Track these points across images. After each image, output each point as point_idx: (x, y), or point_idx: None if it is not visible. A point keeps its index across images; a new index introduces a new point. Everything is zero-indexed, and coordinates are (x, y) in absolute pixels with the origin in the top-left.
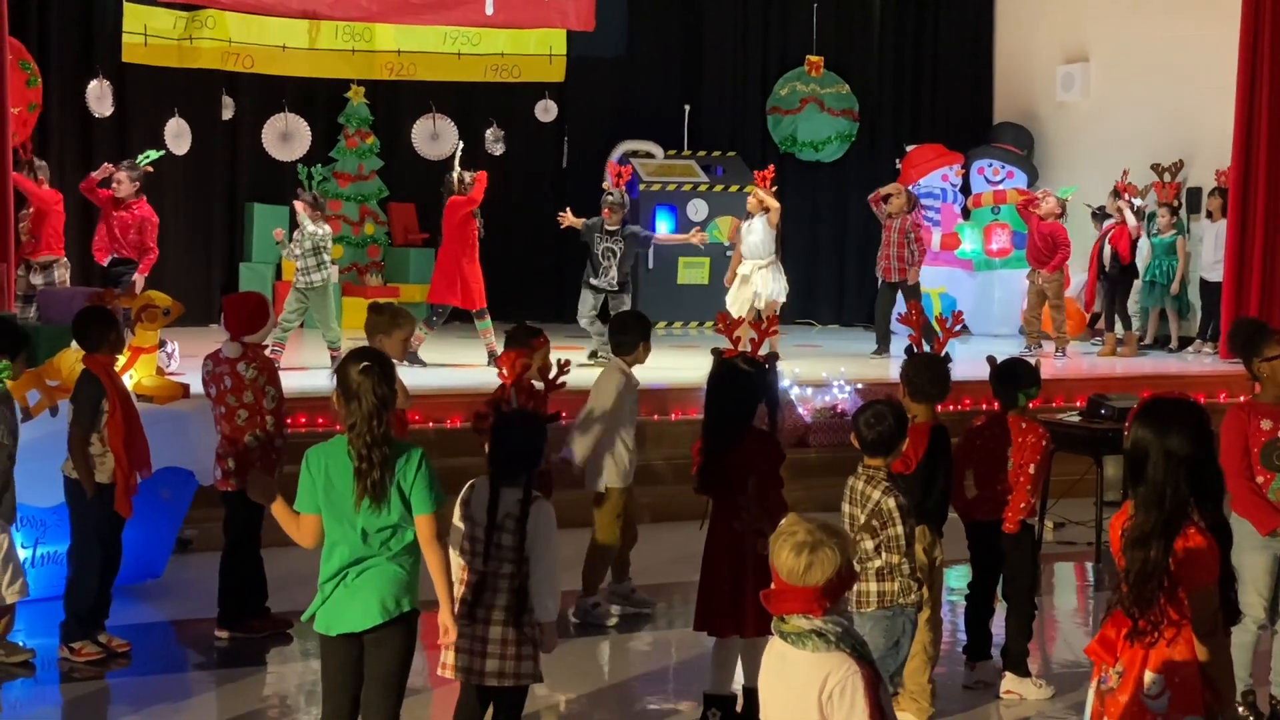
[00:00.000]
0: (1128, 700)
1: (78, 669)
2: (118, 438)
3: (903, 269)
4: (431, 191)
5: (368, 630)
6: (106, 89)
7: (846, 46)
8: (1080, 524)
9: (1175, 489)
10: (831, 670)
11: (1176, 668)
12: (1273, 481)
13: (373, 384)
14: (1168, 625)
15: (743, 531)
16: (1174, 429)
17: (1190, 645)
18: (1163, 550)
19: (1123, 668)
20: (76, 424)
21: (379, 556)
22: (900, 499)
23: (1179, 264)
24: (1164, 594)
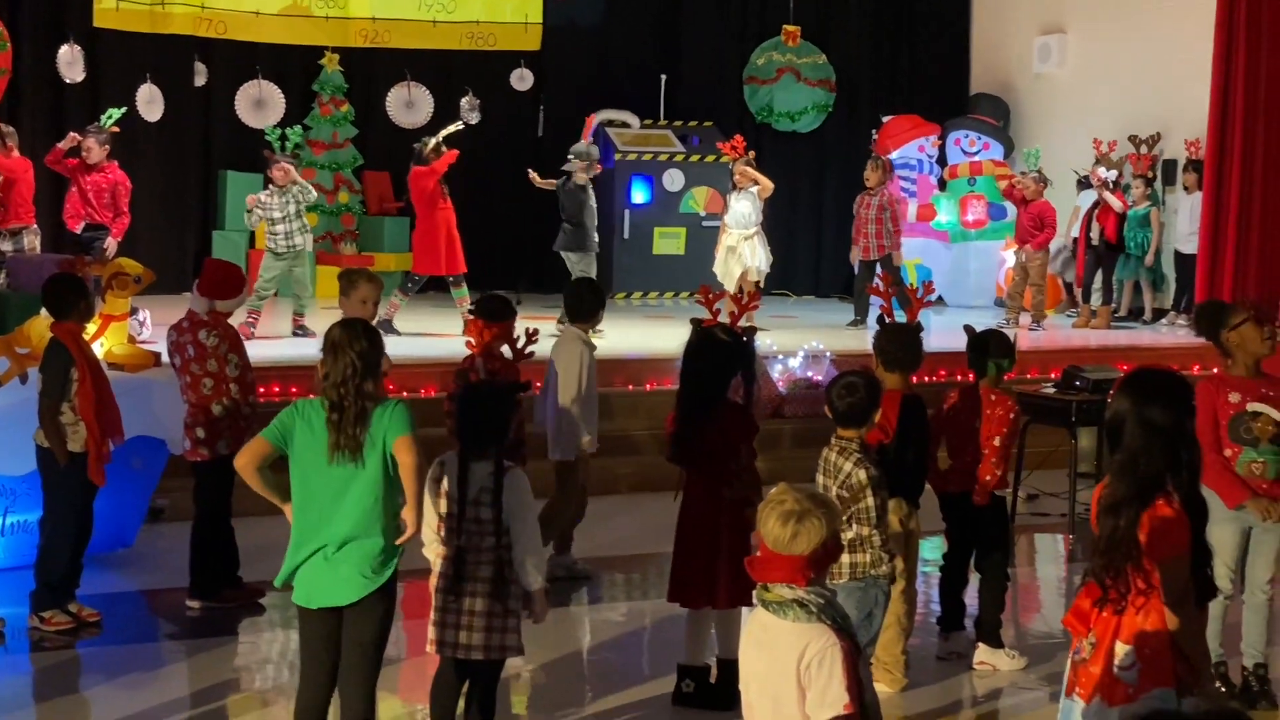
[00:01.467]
0: (1100, 671)
1: (48, 638)
2: (88, 406)
3: (882, 246)
4: (406, 160)
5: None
6: (78, 54)
7: (824, 16)
8: (1054, 495)
9: (1149, 459)
10: (811, 641)
11: (1147, 639)
12: (1240, 455)
13: (351, 337)
14: (1136, 594)
15: (731, 500)
16: (1153, 400)
17: (1161, 617)
18: (1132, 519)
19: (1095, 639)
20: (46, 394)
21: (355, 531)
22: (872, 471)
23: (1153, 236)
24: (1132, 563)
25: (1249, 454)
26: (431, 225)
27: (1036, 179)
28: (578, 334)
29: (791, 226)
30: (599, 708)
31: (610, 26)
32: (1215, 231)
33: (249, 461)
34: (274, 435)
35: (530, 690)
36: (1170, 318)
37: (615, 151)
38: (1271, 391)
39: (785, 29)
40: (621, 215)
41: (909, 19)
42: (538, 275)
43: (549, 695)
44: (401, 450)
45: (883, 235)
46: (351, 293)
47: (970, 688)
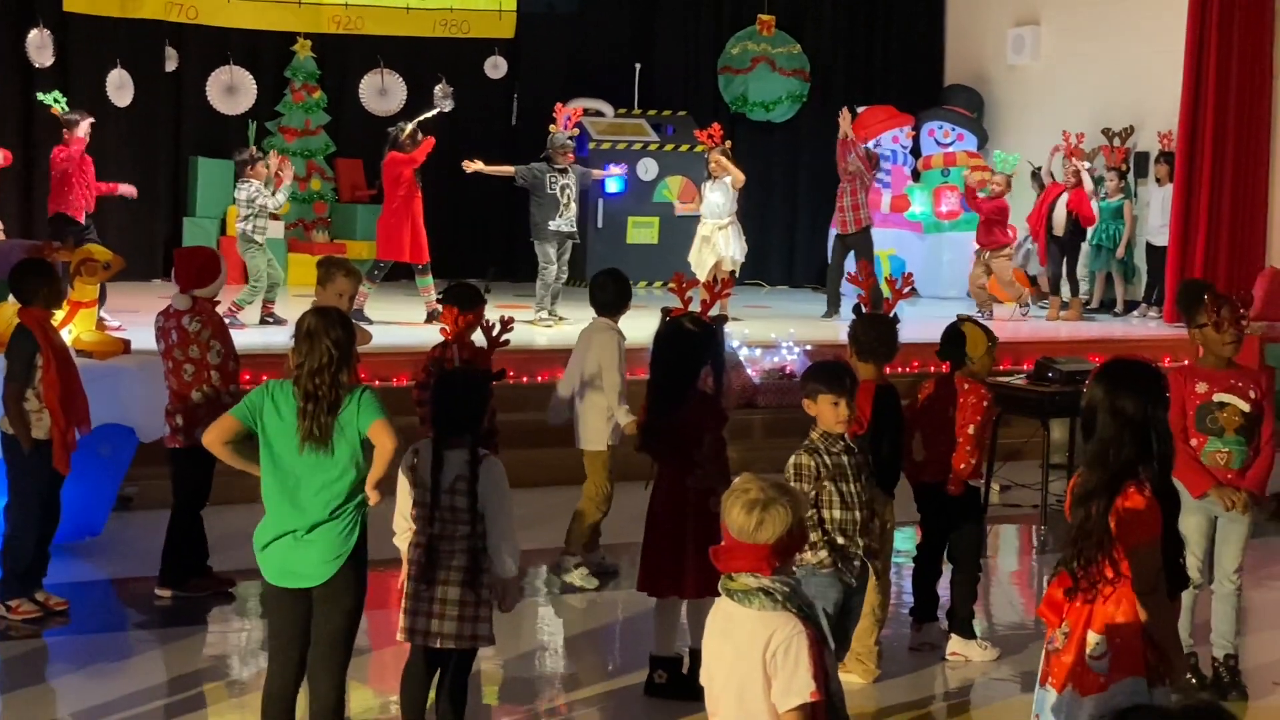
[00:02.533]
0: (1071, 660)
1: (14, 627)
2: (53, 394)
3: (859, 220)
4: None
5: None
6: (47, 38)
7: (798, 6)
8: (1026, 487)
9: (1120, 449)
10: (777, 629)
11: (1118, 629)
12: (1206, 444)
13: (326, 326)
14: (1105, 583)
15: (695, 489)
16: (1125, 390)
17: (1133, 606)
18: (1103, 508)
19: (1068, 628)
20: (10, 379)
21: (324, 517)
22: (805, 459)
23: (1125, 228)
24: (1103, 552)
25: (1214, 444)
26: (399, 212)
27: (1003, 182)
28: (608, 324)
29: (765, 216)
30: (571, 698)
31: (585, 15)
32: (1186, 224)
33: (217, 437)
34: (242, 414)
35: (502, 681)
36: (1142, 309)
37: (590, 140)
38: (1240, 382)
39: (760, 18)
40: (595, 204)
41: (883, 9)
42: (509, 264)
43: (520, 686)
44: (380, 434)
45: (857, 208)
46: (329, 284)
47: (943, 679)
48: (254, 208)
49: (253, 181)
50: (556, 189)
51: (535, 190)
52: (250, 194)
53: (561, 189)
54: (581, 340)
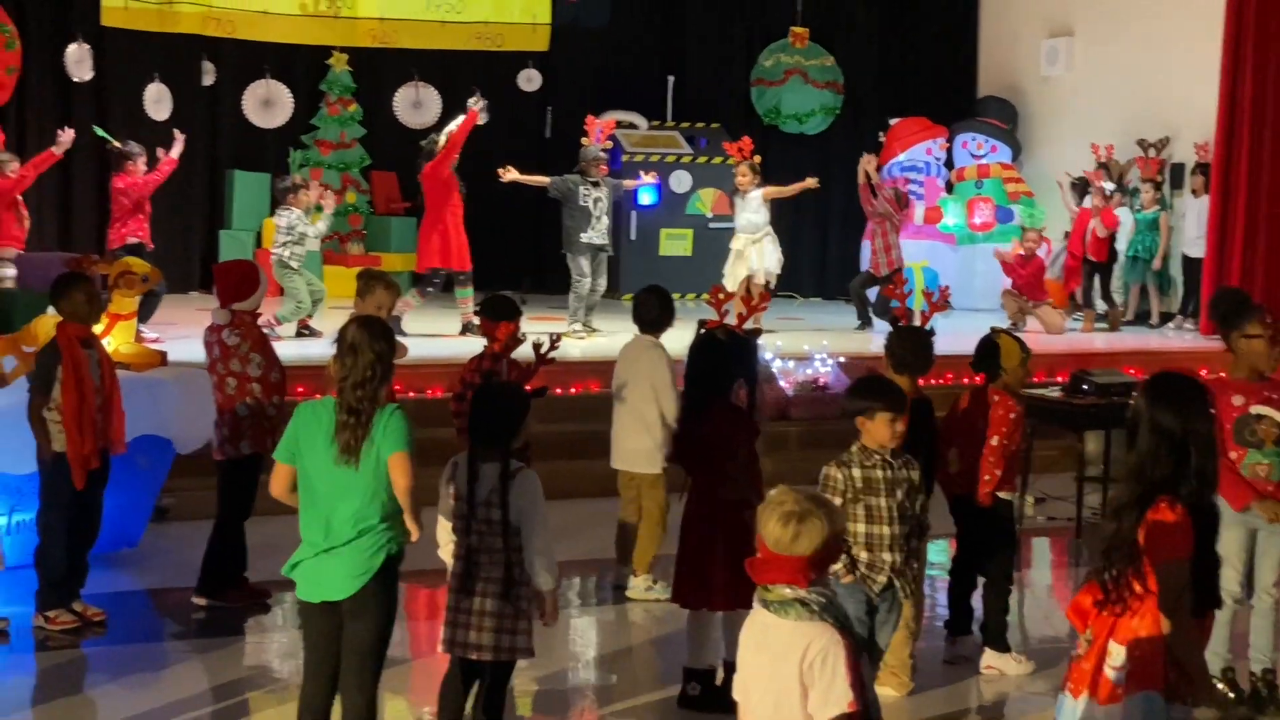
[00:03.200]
0: (1091, 668)
1: (52, 638)
2: (69, 409)
3: (890, 261)
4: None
5: (348, 597)
6: (86, 53)
7: (831, 18)
8: (1061, 499)
9: (1156, 463)
10: (813, 640)
11: (1139, 642)
12: (1245, 457)
13: (369, 339)
14: (1133, 597)
15: (728, 501)
16: (1163, 404)
17: (1156, 620)
18: (1133, 522)
19: (1091, 636)
20: (32, 390)
21: (354, 532)
22: (833, 471)
23: (1161, 239)
24: (1131, 567)
25: (1254, 456)
26: (436, 220)
27: (1036, 240)
28: (652, 342)
29: (798, 228)
30: (605, 711)
31: (618, 28)
32: (1222, 235)
33: (282, 489)
34: (285, 455)
35: (537, 693)
36: (1177, 321)
37: (622, 153)
38: (1274, 394)
39: (793, 31)
40: (628, 216)
41: (916, 22)
42: (541, 276)
43: (555, 698)
44: (395, 470)
45: (890, 249)
46: (368, 296)
47: (977, 692)
48: (294, 235)
49: (294, 209)
50: (589, 201)
51: (568, 202)
52: (291, 221)
53: (594, 201)
54: (625, 360)
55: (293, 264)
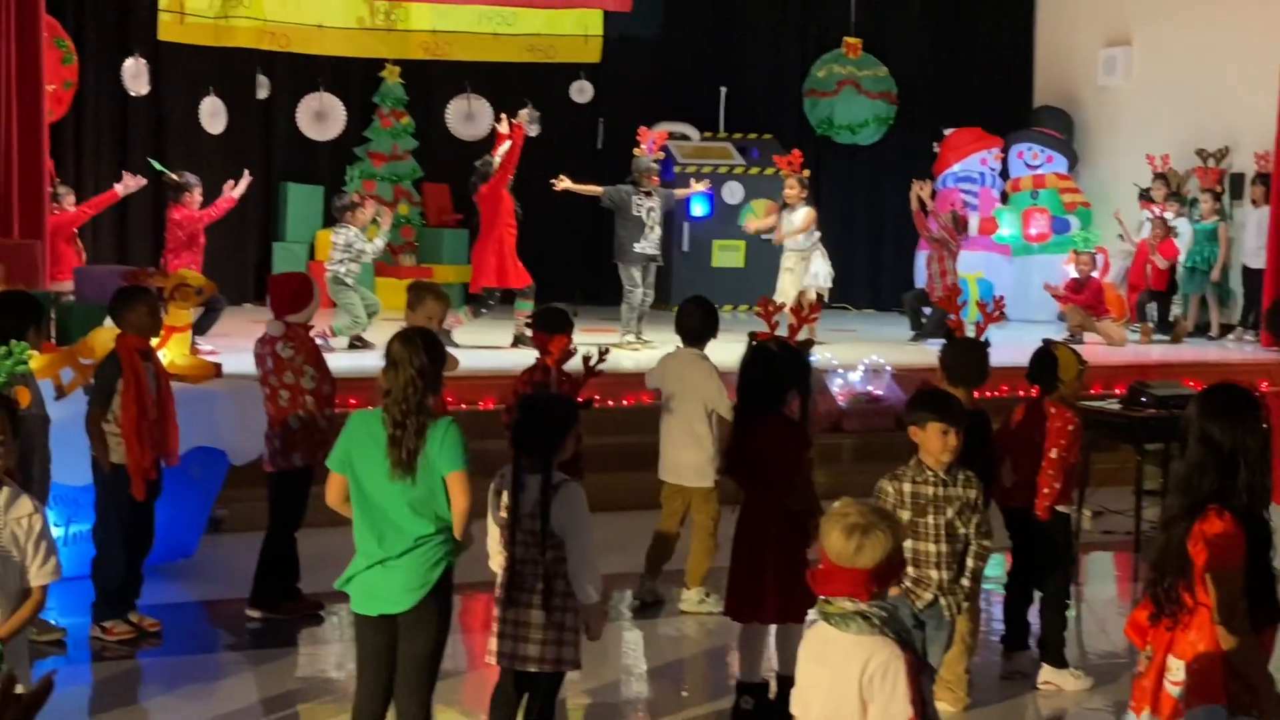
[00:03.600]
0: (1151, 685)
1: (109, 648)
2: (129, 421)
3: (946, 287)
4: (466, 172)
5: (403, 611)
6: (142, 67)
7: (885, 28)
8: (1120, 513)
9: (1203, 475)
10: (874, 653)
11: (1198, 655)
12: None
13: (411, 353)
14: (1184, 610)
15: (783, 513)
16: (1214, 416)
17: (1214, 633)
18: (1182, 534)
19: (1151, 652)
20: (92, 402)
21: (410, 545)
22: (885, 485)
23: (1220, 250)
24: (1181, 579)
25: None
26: (492, 240)
27: (1090, 259)
28: (697, 354)
29: (851, 239)
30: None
31: (670, 39)
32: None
33: (337, 499)
34: (338, 464)
35: (588, 705)
36: (1237, 333)
37: (674, 164)
38: None
39: (846, 41)
40: (681, 227)
41: (971, 31)
42: (595, 288)
43: (606, 711)
44: (454, 489)
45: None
46: (419, 307)
47: (1034, 708)
48: (351, 252)
49: (351, 227)
50: (642, 212)
51: (620, 212)
52: (349, 239)
53: (647, 212)
54: (670, 372)
55: (348, 280)
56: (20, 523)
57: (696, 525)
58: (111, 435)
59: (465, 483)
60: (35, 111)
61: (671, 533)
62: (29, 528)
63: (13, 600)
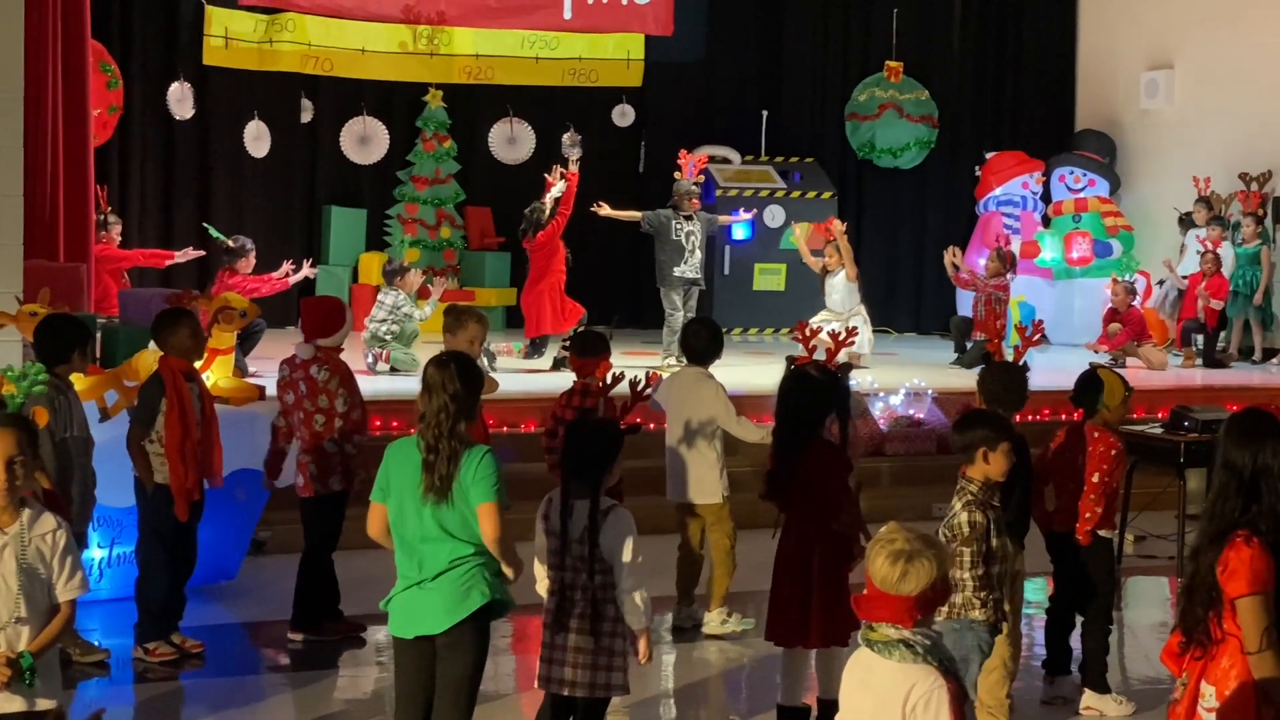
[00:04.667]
0: (1184, 711)
1: (151, 669)
2: (173, 442)
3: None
4: (508, 196)
5: (441, 633)
6: (187, 91)
7: (926, 52)
8: (1162, 538)
9: (1226, 500)
10: (917, 682)
11: (1230, 683)
12: None
13: (445, 379)
14: (1214, 640)
15: (827, 536)
16: (1237, 440)
17: (1246, 660)
18: (1210, 562)
19: (1186, 679)
20: (134, 422)
21: (448, 567)
22: (976, 516)
23: (1263, 274)
24: (1211, 608)
25: None
26: (546, 287)
27: (1128, 288)
28: (703, 373)
29: (893, 263)
30: None
31: (712, 63)
32: None
33: (379, 530)
34: (380, 494)
35: None
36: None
37: (716, 187)
38: None
39: (888, 65)
40: (722, 251)
41: (1013, 54)
42: (635, 310)
43: None
44: (484, 520)
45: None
46: (459, 331)
47: None
48: (398, 315)
49: (400, 291)
50: (682, 235)
51: (660, 236)
52: (397, 302)
53: (687, 235)
54: (676, 391)
55: (385, 338)
56: (45, 539)
57: (713, 545)
58: (155, 455)
59: (495, 514)
60: (81, 136)
61: (695, 554)
62: (54, 543)
63: (42, 617)
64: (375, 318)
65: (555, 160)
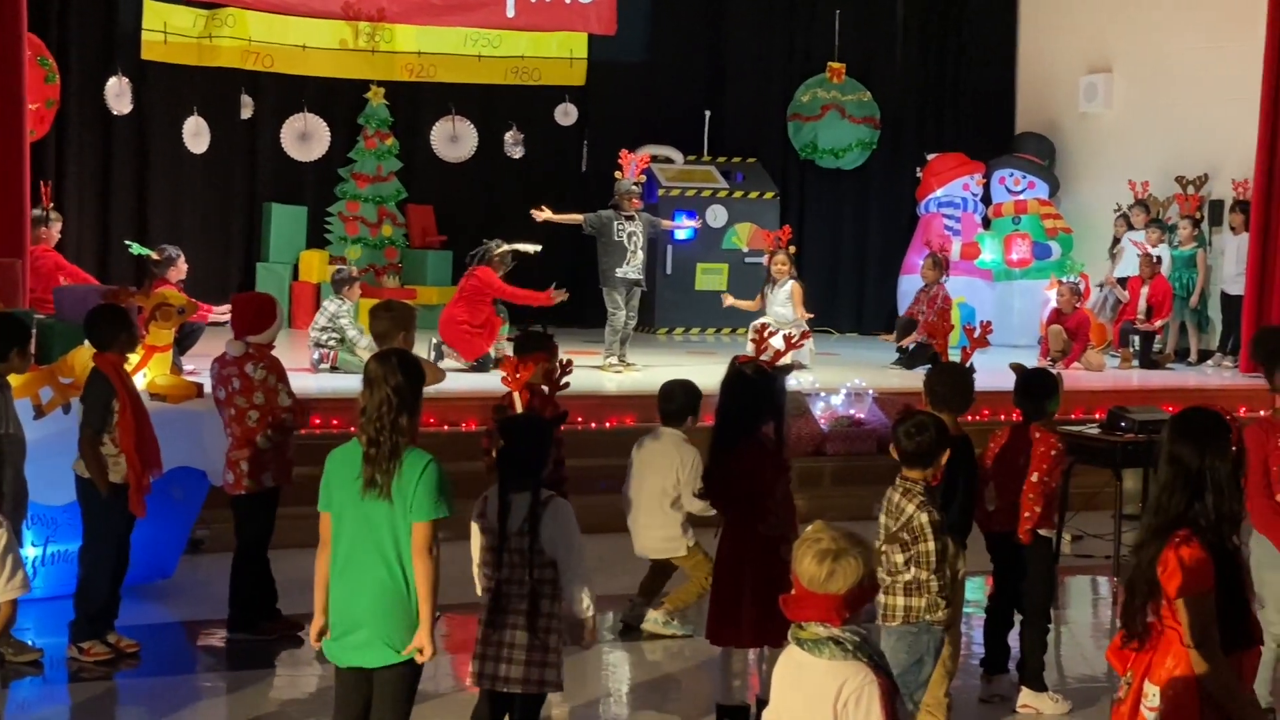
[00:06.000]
0: (1128, 711)
1: (86, 669)
2: (129, 438)
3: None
4: (450, 194)
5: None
6: (125, 86)
7: (869, 53)
8: (1099, 537)
9: (1171, 496)
10: (848, 678)
11: (1173, 681)
12: None
13: (386, 372)
14: (1152, 634)
15: (760, 537)
16: (1184, 439)
17: (1189, 658)
18: (1151, 557)
19: (1130, 678)
20: (87, 424)
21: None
22: (934, 515)
23: (1199, 277)
24: (1150, 601)
25: None
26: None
27: (1073, 289)
28: (678, 436)
29: (835, 263)
30: None
31: (655, 62)
32: (1262, 273)
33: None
34: (324, 504)
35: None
36: (1216, 359)
37: (659, 187)
38: None
39: (830, 66)
40: (664, 250)
41: (955, 57)
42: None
43: None
44: (417, 548)
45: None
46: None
47: None
48: (335, 324)
49: (346, 301)
50: (624, 236)
51: (602, 237)
52: (336, 311)
53: (629, 236)
54: (645, 451)
55: (328, 343)
56: None
57: (691, 578)
58: (107, 456)
59: (430, 541)
60: (17, 130)
61: (670, 566)
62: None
63: None
64: (317, 324)
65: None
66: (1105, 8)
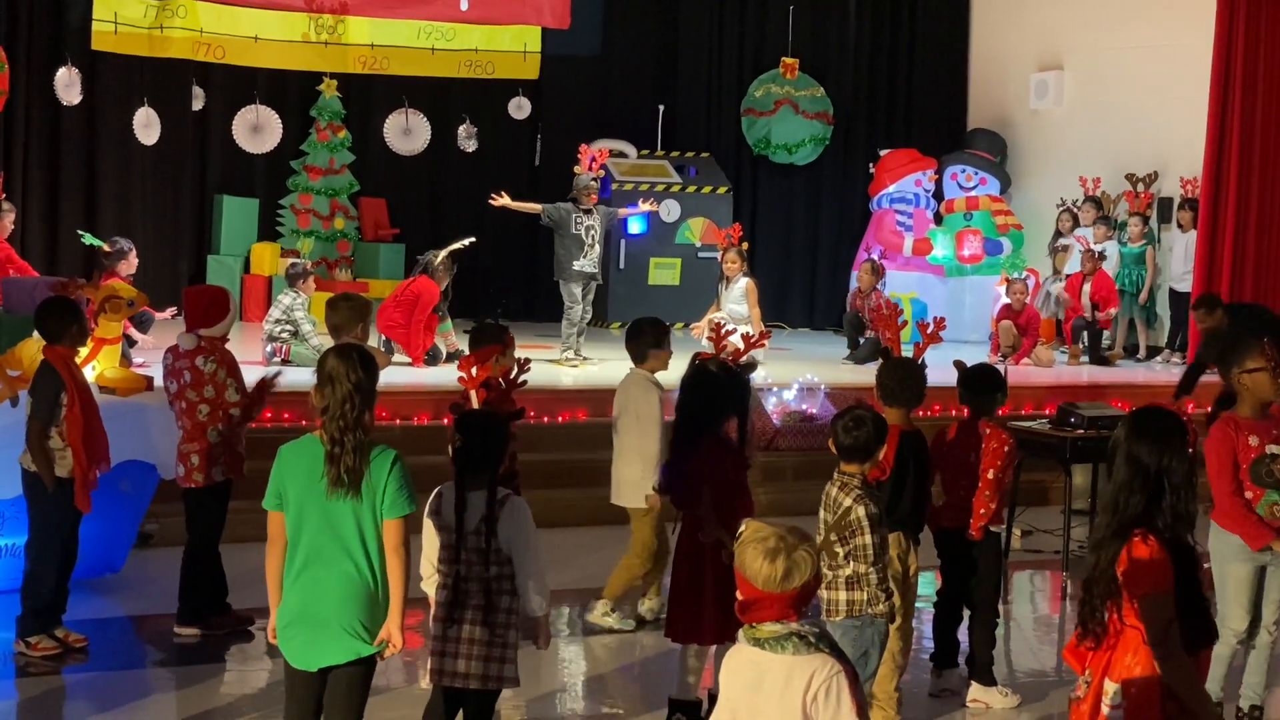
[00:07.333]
0: (1089, 709)
1: (33, 664)
2: (76, 432)
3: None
4: (403, 187)
5: None
6: (75, 77)
7: (822, 49)
8: (1048, 532)
9: (1130, 495)
10: (816, 670)
11: (1134, 680)
12: (1263, 497)
13: (348, 369)
14: (1110, 633)
15: (705, 543)
16: (1142, 437)
17: (1149, 657)
18: (1111, 556)
19: (1090, 677)
20: (35, 417)
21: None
22: (871, 508)
23: (1148, 274)
24: (1109, 600)
25: (1271, 496)
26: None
27: (1023, 290)
28: (647, 376)
29: (787, 258)
30: None
31: (609, 56)
32: (1210, 270)
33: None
34: (273, 502)
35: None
36: (1165, 355)
37: (612, 181)
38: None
39: (783, 61)
40: (617, 245)
41: (907, 53)
42: (530, 305)
43: None
44: (392, 545)
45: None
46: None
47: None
48: (290, 316)
49: (301, 294)
50: (581, 229)
51: (560, 229)
52: (291, 304)
53: (586, 229)
54: (619, 397)
55: (282, 336)
56: None
57: (631, 544)
58: (54, 449)
59: (400, 535)
60: None
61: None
62: None
63: None
64: (271, 317)
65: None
66: (1056, 6)
